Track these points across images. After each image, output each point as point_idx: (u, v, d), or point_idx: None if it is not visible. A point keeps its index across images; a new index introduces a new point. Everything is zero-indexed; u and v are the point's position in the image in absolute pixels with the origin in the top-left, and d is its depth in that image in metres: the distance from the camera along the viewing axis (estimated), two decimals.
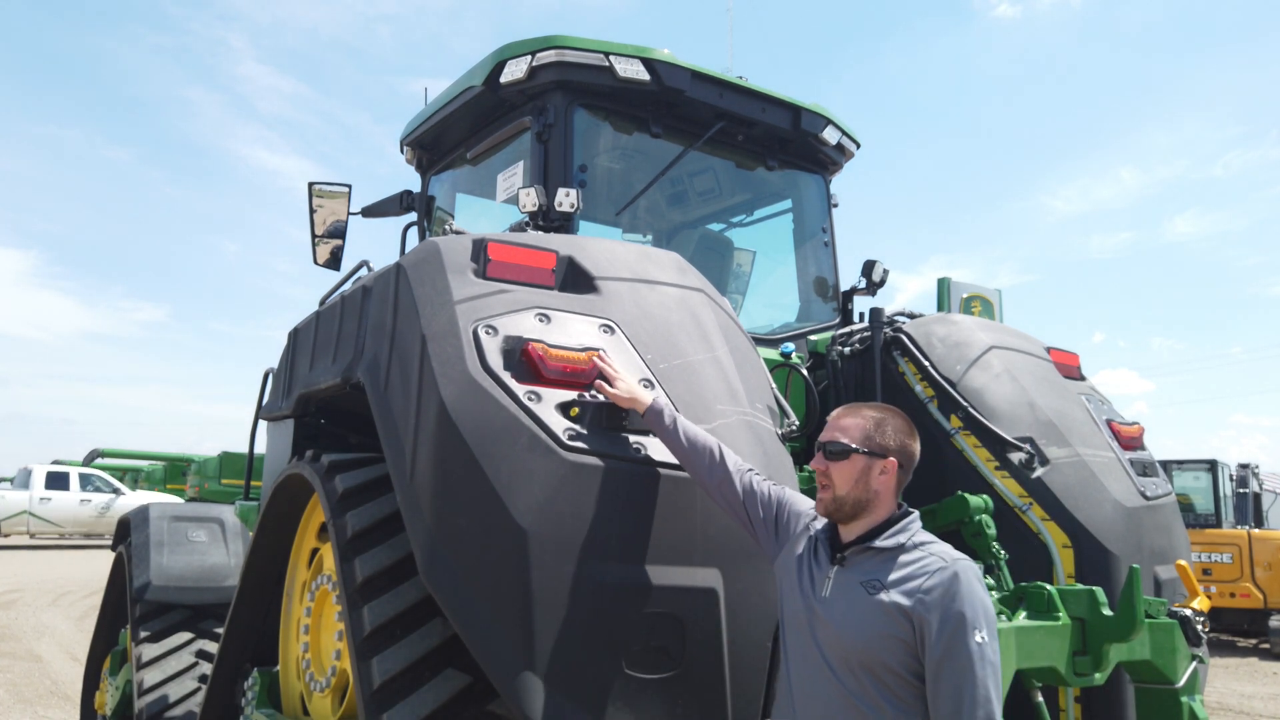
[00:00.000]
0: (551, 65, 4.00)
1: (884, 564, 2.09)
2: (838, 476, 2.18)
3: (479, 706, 2.47)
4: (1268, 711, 9.02)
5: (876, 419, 2.22)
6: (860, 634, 2.02)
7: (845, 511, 2.17)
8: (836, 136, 4.68)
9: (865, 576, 2.08)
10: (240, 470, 17.24)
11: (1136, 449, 3.91)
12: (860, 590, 2.07)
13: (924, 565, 2.05)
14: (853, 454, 2.17)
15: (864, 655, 2.01)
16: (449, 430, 2.38)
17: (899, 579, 2.04)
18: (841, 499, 2.17)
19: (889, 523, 2.16)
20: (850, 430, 2.20)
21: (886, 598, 2.02)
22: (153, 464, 33.74)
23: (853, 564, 2.13)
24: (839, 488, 2.17)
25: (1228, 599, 12.82)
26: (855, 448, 2.17)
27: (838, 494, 2.17)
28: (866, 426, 2.20)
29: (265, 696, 3.53)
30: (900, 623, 2.00)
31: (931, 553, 2.08)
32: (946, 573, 2.01)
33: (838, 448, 2.19)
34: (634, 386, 2.53)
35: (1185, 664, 2.98)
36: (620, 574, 2.33)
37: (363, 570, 2.61)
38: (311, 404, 3.58)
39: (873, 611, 2.03)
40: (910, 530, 2.15)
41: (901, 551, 2.10)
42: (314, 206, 4.55)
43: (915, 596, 2.00)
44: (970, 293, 4.86)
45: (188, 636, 5.37)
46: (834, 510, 2.19)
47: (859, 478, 2.16)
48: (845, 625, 2.05)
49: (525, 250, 2.84)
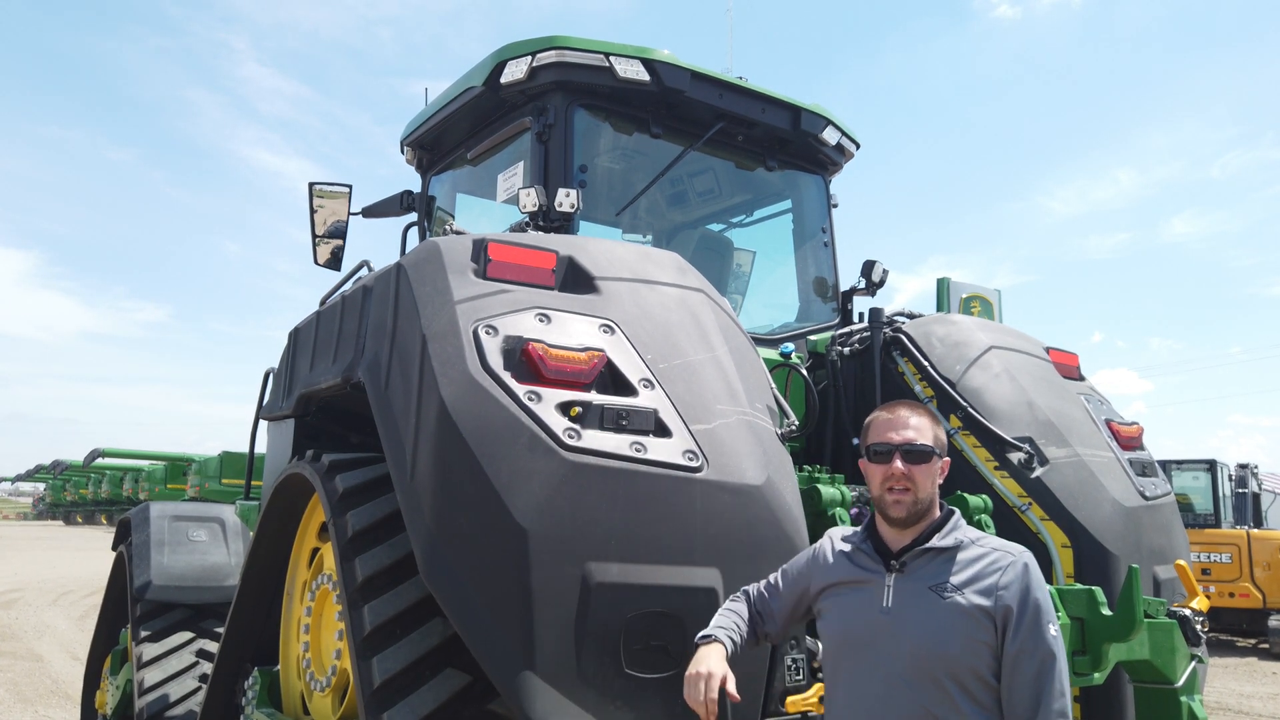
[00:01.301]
0: (552, 66, 4.00)
1: (945, 565, 2.05)
2: (922, 479, 2.11)
3: (479, 706, 2.48)
4: (1267, 711, 9.02)
5: (934, 417, 2.20)
6: (940, 640, 1.97)
7: (918, 516, 2.12)
8: (836, 137, 4.68)
9: (931, 580, 2.04)
10: (241, 470, 17.23)
11: (1135, 449, 3.92)
12: (930, 595, 2.02)
13: (993, 562, 2.02)
14: (933, 456, 2.13)
15: (947, 662, 1.96)
16: (449, 430, 2.39)
17: (970, 579, 2.01)
18: (922, 501, 2.11)
19: (941, 522, 2.13)
20: (925, 431, 2.15)
21: (963, 600, 1.98)
22: (153, 464, 33.74)
23: (912, 569, 2.08)
24: (921, 490, 2.11)
25: (1227, 599, 12.83)
26: (935, 449, 2.13)
27: (920, 496, 2.11)
28: (934, 426, 2.17)
29: (266, 696, 3.54)
30: (982, 624, 1.97)
31: (993, 547, 2.06)
32: (1018, 566, 2.00)
33: (920, 449, 2.12)
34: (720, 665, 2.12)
35: (1184, 664, 2.98)
36: (620, 574, 2.33)
37: (363, 570, 2.62)
38: (312, 404, 3.59)
39: (951, 615, 1.98)
40: (960, 527, 2.12)
41: (959, 550, 2.06)
42: (314, 207, 4.55)
43: (994, 594, 1.97)
44: (969, 293, 4.86)
45: (188, 636, 5.38)
46: (914, 515, 2.12)
47: (935, 479, 2.13)
48: (922, 633, 2.00)
49: (525, 250, 2.85)
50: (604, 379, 2.61)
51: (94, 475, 43.54)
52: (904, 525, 2.13)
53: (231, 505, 5.76)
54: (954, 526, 2.11)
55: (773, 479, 2.63)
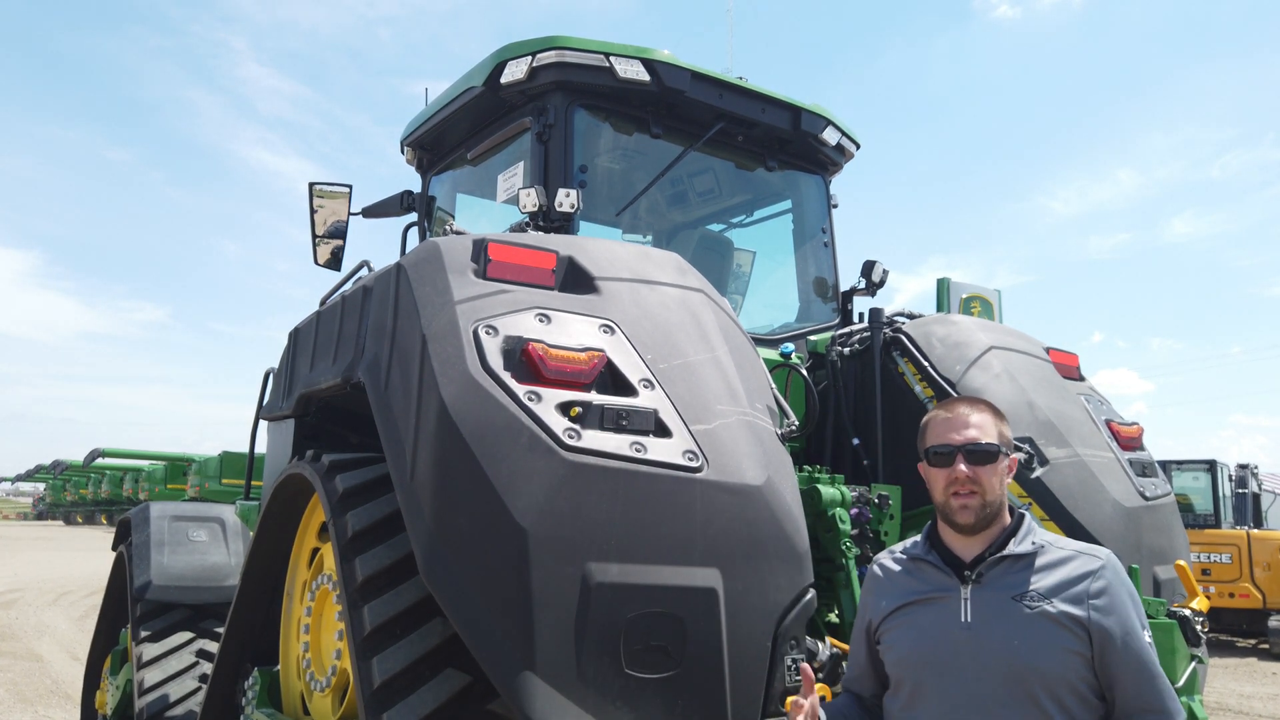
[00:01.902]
0: (552, 66, 4.00)
1: (1024, 572, 1.92)
2: (989, 481, 1.97)
3: (479, 706, 2.48)
4: (1267, 711, 9.02)
5: (995, 412, 2.06)
6: (1032, 653, 1.85)
7: (987, 520, 1.98)
8: (836, 137, 4.68)
9: (1013, 590, 1.90)
10: (241, 470, 17.24)
11: (1136, 449, 3.92)
12: (1015, 606, 1.88)
13: (1080, 567, 1.90)
14: (999, 455, 1.99)
15: (1041, 677, 1.84)
16: (449, 430, 2.39)
17: (1056, 586, 1.88)
18: (991, 503, 1.97)
19: (1015, 526, 1.99)
20: (988, 429, 2.02)
21: (1053, 609, 1.86)
22: (153, 464, 33.76)
23: (989, 579, 1.95)
24: (989, 492, 1.97)
25: (1227, 599, 12.84)
26: (1001, 448, 2.00)
27: (988, 499, 1.97)
28: (998, 423, 2.04)
29: (266, 696, 3.54)
30: (1076, 633, 1.85)
31: (1076, 550, 1.95)
32: (1108, 570, 1.90)
33: (985, 449, 1.99)
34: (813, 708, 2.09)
35: (1184, 664, 2.98)
36: (620, 574, 2.33)
37: (363, 570, 2.62)
38: (312, 404, 3.59)
39: (1041, 627, 1.86)
40: (1035, 530, 1.99)
41: (1038, 555, 1.93)
42: (314, 207, 4.55)
43: (1084, 602, 1.86)
44: (970, 293, 4.86)
45: (188, 636, 5.39)
46: (984, 520, 1.98)
47: (1003, 479, 1.99)
48: (1011, 647, 1.86)
49: (525, 250, 2.85)
50: (604, 379, 2.61)
51: (94, 475, 43.56)
52: (973, 532, 1.99)
53: (231, 505, 5.76)
54: (1029, 530, 1.99)
55: (773, 479, 2.63)
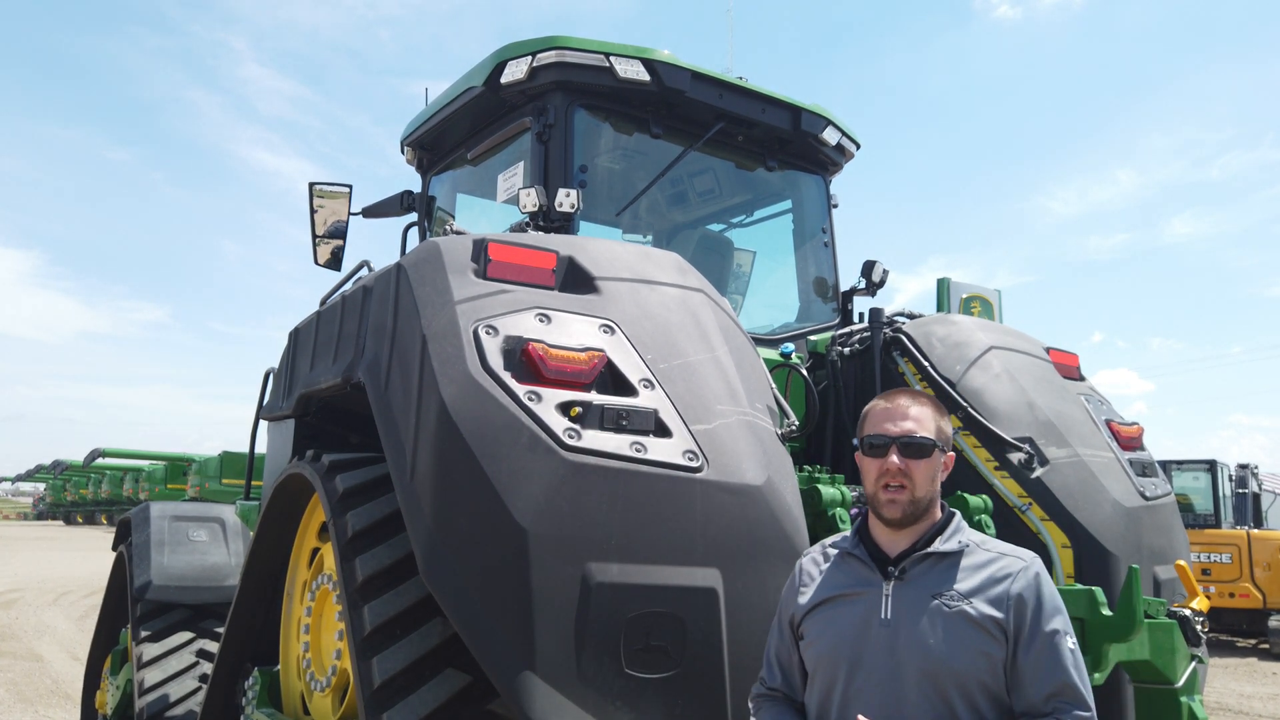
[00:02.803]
0: (552, 66, 4.00)
1: (948, 571, 1.89)
2: (920, 475, 1.94)
3: (479, 706, 2.48)
4: (1267, 711, 9.02)
5: (937, 407, 2.01)
6: (947, 653, 1.82)
7: (917, 514, 1.95)
8: (836, 137, 4.68)
9: (934, 588, 1.88)
10: (241, 470, 17.25)
11: (1136, 449, 3.92)
12: (935, 604, 1.86)
13: (1002, 568, 1.87)
14: (934, 450, 1.95)
15: (955, 676, 1.82)
16: (449, 430, 2.39)
17: (977, 587, 1.85)
18: (920, 500, 1.94)
19: (943, 524, 1.97)
20: (926, 422, 1.97)
21: (972, 610, 1.83)
22: (153, 464, 33.78)
23: (912, 576, 1.92)
24: (919, 488, 1.94)
25: (1227, 599, 12.84)
26: (937, 443, 1.96)
27: (917, 495, 1.94)
28: (937, 417, 1.99)
29: (266, 696, 3.54)
30: (993, 635, 1.82)
31: (1000, 552, 1.91)
32: (1030, 573, 1.86)
33: (920, 442, 1.95)
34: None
35: (1185, 664, 2.98)
36: (620, 574, 2.33)
37: (363, 570, 2.62)
38: (312, 404, 3.59)
39: (959, 627, 1.83)
40: (963, 530, 1.97)
41: (963, 555, 1.90)
42: (315, 207, 4.55)
43: (1003, 603, 1.83)
44: (970, 293, 4.86)
45: (188, 636, 5.38)
46: (911, 515, 1.95)
47: (935, 476, 1.96)
48: (928, 646, 1.84)
49: (525, 250, 2.85)
50: (604, 379, 2.61)
51: (94, 475, 43.58)
52: (899, 526, 1.96)
53: (231, 505, 5.76)
54: (956, 529, 1.96)
55: (773, 479, 2.63)
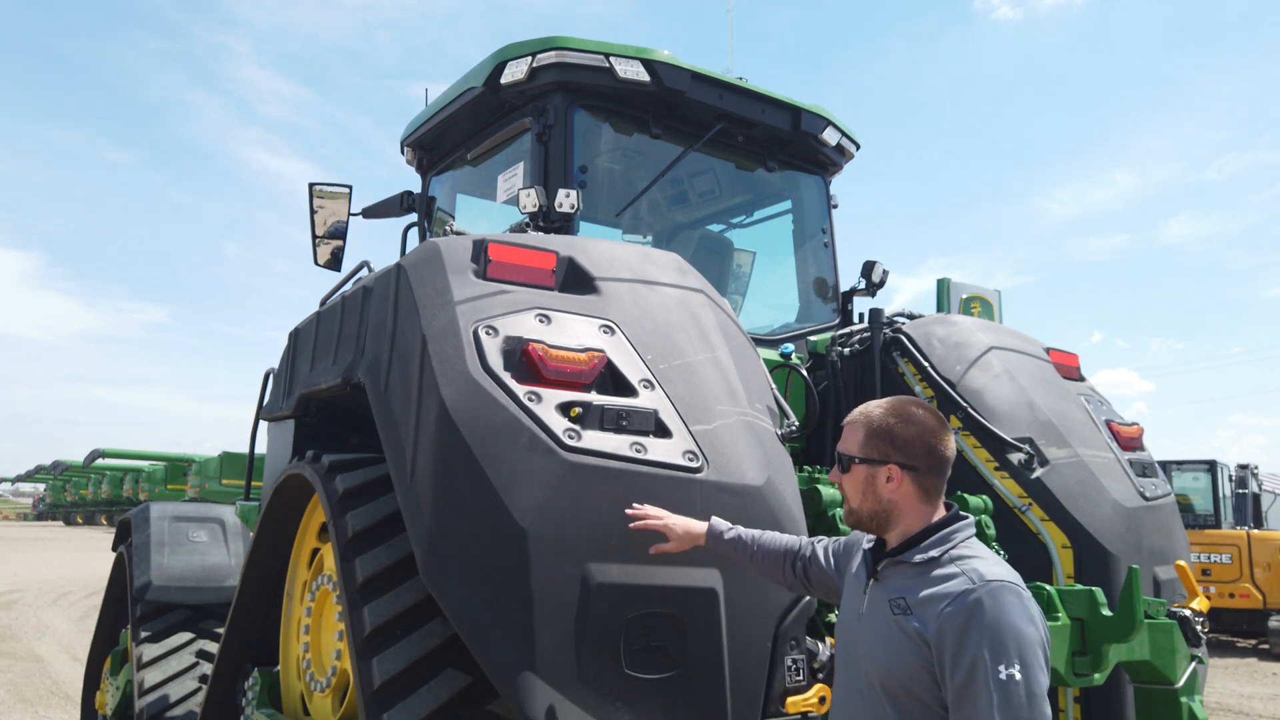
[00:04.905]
0: (552, 66, 4.00)
1: (914, 581, 1.89)
2: (847, 488, 2.02)
3: (479, 706, 2.48)
4: (1267, 712, 9.02)
5: (877, 421, 1.99)
6: (884, 656, 1.87)
7: (866, 524, 2.01)
8: (836, 137, 4.68)
9: (894, 594, 1.90)
10: (241, 470, 17.26)
11: (1136, 449, 3.92)
12: (887, 609, 1.90)
13: (949, 586, 1.81)
14: (853, 464, 2.00)
15: (885, 678, 1.86)
16: (449, 430, 2.39)
17: (924, 599, 1.84)
18: (856, 512, 2.01)
19: (927, 532, 1.94)
20: (849, 437, 2.02)
21: (908, 620, 1.84)
22: (153, 464, 33.78)
23: (885, 579, 1.96)
24: (852, 499, 2.01)
25: (1227, 599, 12.83)
26: (854, 457, 2.00)
27: (851, 507, 2.01)
28: (865, 431, 2.00)
29: (266, 696, 3.54)
30: (920, 648, 1.81)
31: (964, 570, 1.83)
32: (969, 598, 1.76)
33: (841, 458, 2.03)
34: (687, 523, 2.36)
35: (1185, 664, 2.98)
36: (620, 574, 2.33)
37: (363, 570, 2.62)
38: (312, 404, 3.59)
39: (896, 633, 1.86)
40: (951, 542, 1.90)
41: (934, 567, 1.88)
42: (315, 207, 4.56)
43: (934, 622, 1.79)
44: (970, 293, 4.86)
45: (188, 636, 5.38)
46: (854, 524, 2.04)
47: (865, 489, 1.98)
48: (872, 646, 1.91)
49: (525, 251, 2.85)
50: (604, 379, 2.61)
51: (94, 476, 43.58)
52: (871, 532, 2.04)
53: (231, 506, 5.76)
54: (941, 540, 1.91)
55: (773, 479, 2.63)
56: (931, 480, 1.96)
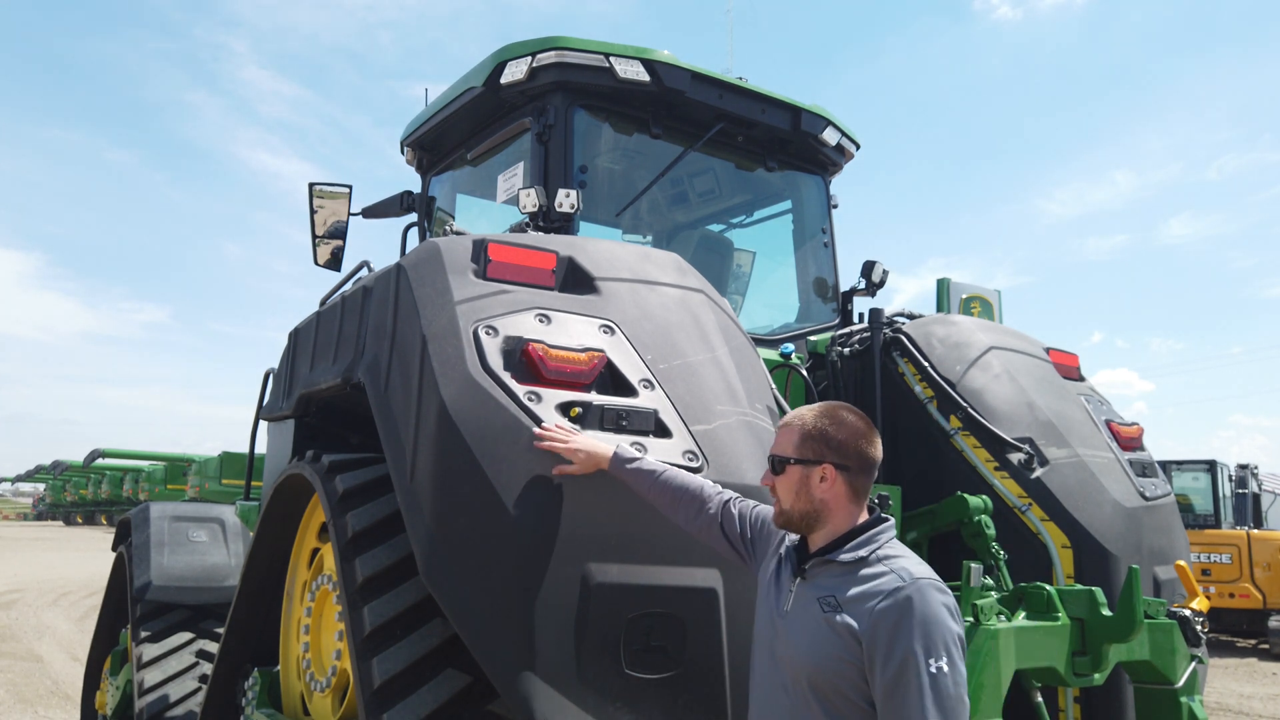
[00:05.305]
0: (552, 66, 4.00)
1: (843, 579, 1.95)
2: (780, 490, 2.07)
3: (479, 706, 2.48)
4: (1266, 712, 9.02)
5: (811, 424, 2.07)
6: (812, 653, 1.91)
7: (796, 525, 2.07)
8: (836, 137, 4.68)
9: (823, 592, 1.96)
10: (241, 470, 17.25)
11: (1136, 449, 3.92)
12: (816, 607, 1.94)
13: (880, 584, 1.88)
14: (788, 465, 2.06)
15: (813, 675, 1.91)
16: (449, 430, 2.39)
17: (853, 597, 1.90)
18: (788, 513, 2.06)
19: (854, 533, 2.01)
20: (786, 439, 2.09)
21: (839, 617, 1.89)
22: (153, 464, 33.79)
23: (813, 578, 2.01)
24: (783, 501, 2.07)
25: (1227, 599, 12.84)
26: (789, 458, 2.06)
27: (783, 508, 2.07)
28: (800, 433, 2.07)
29: (266, 696, 3.54)
30: (850, 644, 1.86)
31: (892, 569, 1.91)
32: (901, 594, 1.84)
33: (775, 460, 2.09)
34: (591, 443, 2.39)
35: (1184, 664, 2.99)
36: (620, 574, 2.33)
37: (363, 570, 2.62)
38: (312, 404, 3.59)
39: (825, 631, 1.90)
40: (877, 542, 1.99)
41: (862, 565, 1.95)
42: (314, 207, 4.55)
43: (866, 618, 1.85)
44: (969, 293, 4.86)
45: (188, 636, 5.38)
46: (785, 524, 2.09)
47: (799, 489, 2.04)
48: (799, 643, 1.95)
49: (525, 251, 2.85)
50: (604, 379, 2.61)
51: (94, 476, 43.59)
52: (799, 532, 2.08)
53: (231, 506, 5.76)
54: (868, 540, 1.99)
55: None
56: (861, 480, 2.04)
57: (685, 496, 2.34)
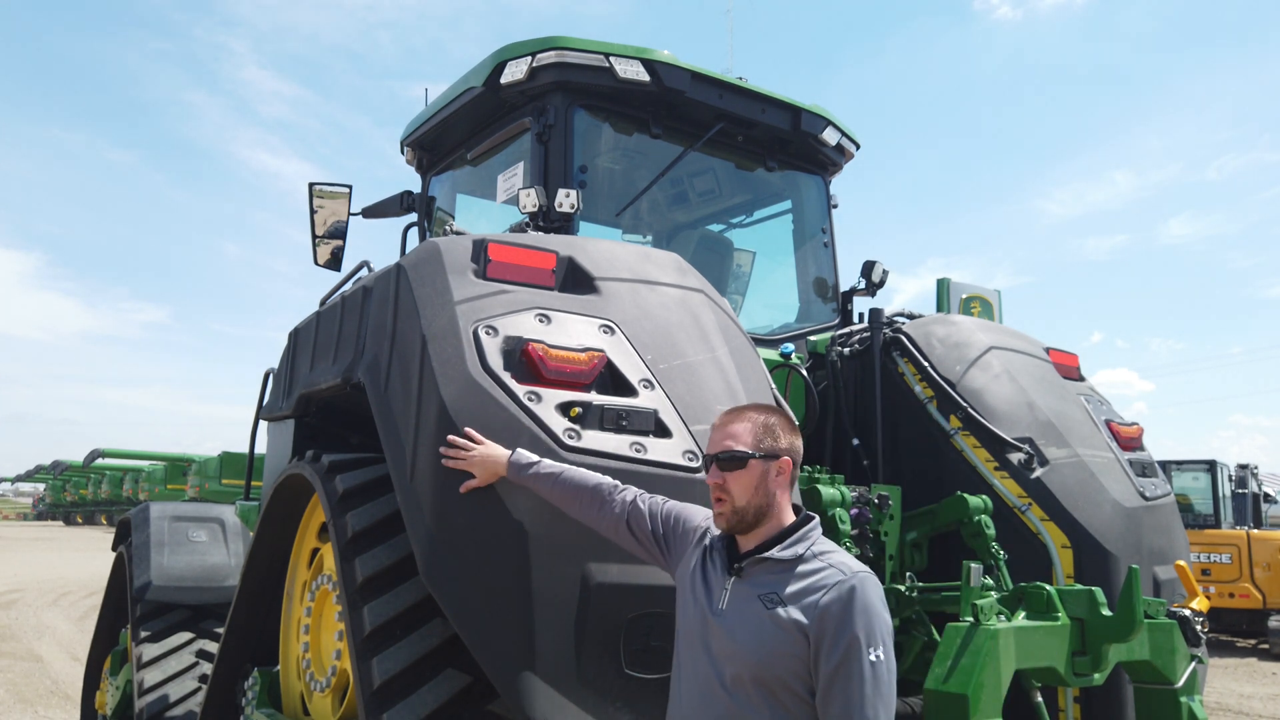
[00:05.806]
0: (552, 66, 4.00)
1: (782, 576, 1.98)
2: (735, 486, 2.05)
3: (479, 706, 2.48)
4: (1266, 712, 9.02)
5: (764, 420, 2.11)
6: (756, 649, 1.93)
7: (748, 522, 2.05)
8: (836, 137, 4.68)
9: (763, 589, 1.98)
10: (241, 470, 17.27)
11: (1135, 449, 3.92)
12: (757, 604, 1.96)
13: (822, 578, 1.94)
14: (750, 460, 2.05)
15: (758, 671, 1.92)
16: (449, 430, 2.39)
17: (796, 592, 1.94)
18: (743, 510, 2.05)
19: (788, 531, 2.05)
20: (741, 436, 2.08)
21: (784, 612, 1.92)
22: (153, 464, 33.81)
23: (750, 575, 2.02)
24: (738, 498, 2.05)
25: (1227, 599, 12.83)
26: (751, 453, 2.05)
27: (737, 505, 2.05)
28: (756, 429, 2.09)
29: (265, 696, 3.54)
30: (796, 638, 1.90)
31: (831, 563, 1.97)
32: (844, 586, 1.90)
33: (734, 455, 2.06)
34: (488, 453, 2.37)
35: (1184, 664, 2.98)
36: (620, 574, 2.34)
37: (363, 570, 2.62)
38: (312, 404, 3.59)
39: (770, 626, 1.93)
40: (810, 539, 2.04)
41: (800, 562, 1.98)
42: (314, 207, 4.55)
43: (812, 611, 1.90)
44: (969, 293, 4.86)
45: (188, 636, 5.38)
46: (737, 523, 2.06)
47: (758, 485, 2.04)
48: (741, 640, 1.95)
49: (525, 251, 2.85)
50: (604, 379, 2.61)
51: (94, 476, 43.61)
52: (742, 532, 2.07)
53: (231, 506, 5.76)
54: (803, 538, 2.03)
55: None
56: (796, 474, 2.13)
57: (585, 494, 2.31)
